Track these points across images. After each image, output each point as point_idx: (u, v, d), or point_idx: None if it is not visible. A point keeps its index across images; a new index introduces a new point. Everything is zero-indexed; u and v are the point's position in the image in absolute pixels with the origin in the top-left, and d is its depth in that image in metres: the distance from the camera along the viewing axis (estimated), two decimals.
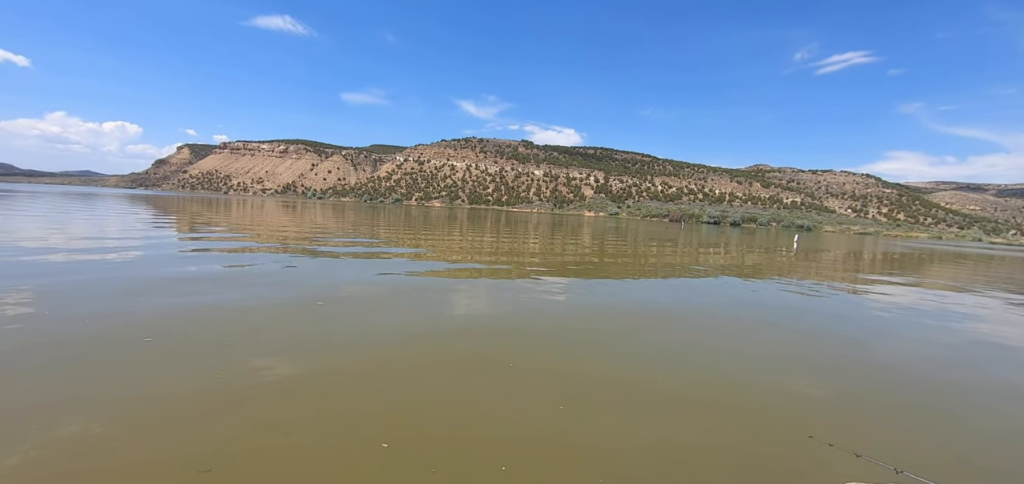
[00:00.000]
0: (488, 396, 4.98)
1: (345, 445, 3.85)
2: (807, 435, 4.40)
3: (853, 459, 3.91)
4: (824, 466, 3.89)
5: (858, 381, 6.18)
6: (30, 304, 7.50)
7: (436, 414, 4.51)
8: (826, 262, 24.86)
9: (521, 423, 4.41)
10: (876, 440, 4.44)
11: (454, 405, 4.73)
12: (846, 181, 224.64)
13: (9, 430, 3.80)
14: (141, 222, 25.32)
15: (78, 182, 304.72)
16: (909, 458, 3.98)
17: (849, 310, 11.44)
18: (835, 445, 4.14)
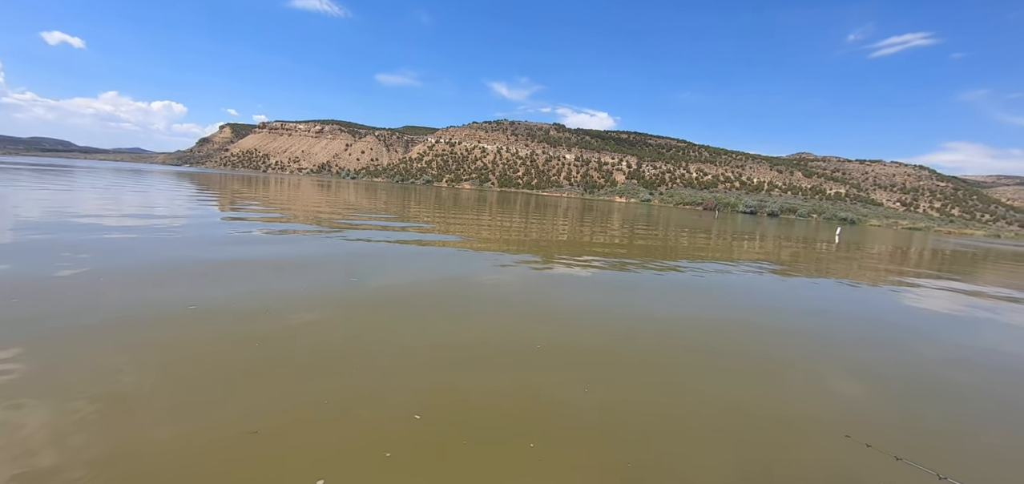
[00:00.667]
0: (515, 375, 5.10)
1: (380, 416, 4.06)
2: (844, 434, 4.31)
3: (892, 462, 3.82)
4: (861, 467, 3.82)
5: (898, 383, 5.95)
6: (88, 274, 8.13)
7: (466, 390, 4.66)
8: (869, 257, 23.69)
9: (547, 402, 4.51)
10: (917, 445, 4.30)
11: (481, 383, 4.87)
12: (896, 172, 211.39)
13: (67, 387, 4.18)
14: (193, 199, 26.69)
15: (129, 159, 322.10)
16: (953, 465, 3.85)
17: (890, 309, 10.94)
18: (873, 446, 4.05)
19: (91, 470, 3.12)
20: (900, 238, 49.20)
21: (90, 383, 4.24)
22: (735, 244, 24.90)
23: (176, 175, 69.13)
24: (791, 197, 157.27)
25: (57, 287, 7.10)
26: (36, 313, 5.89)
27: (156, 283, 7.75)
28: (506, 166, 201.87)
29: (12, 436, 3.40)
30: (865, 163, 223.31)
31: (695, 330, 7.66)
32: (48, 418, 3.65)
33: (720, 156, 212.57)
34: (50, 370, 4.44)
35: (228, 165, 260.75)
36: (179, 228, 14.24)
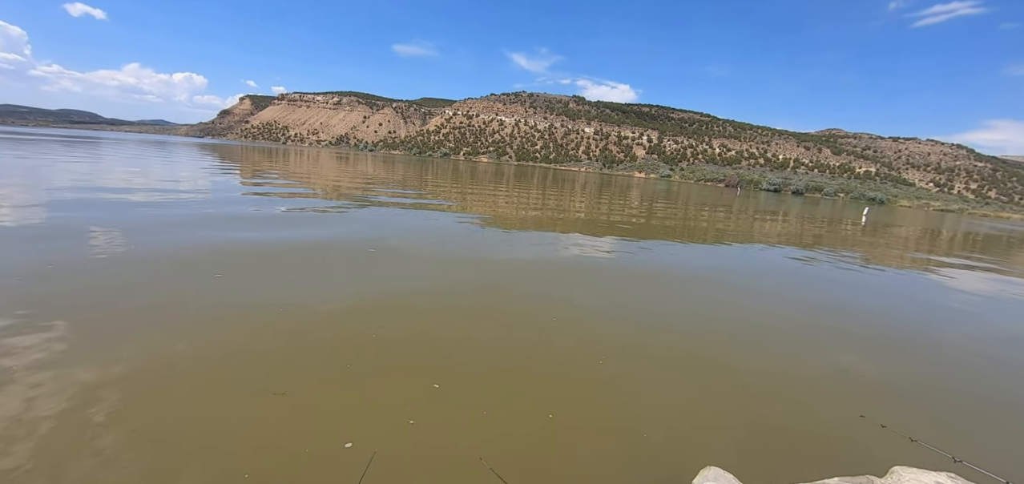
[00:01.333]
0: (530, 350, 5.20)
1: (400, 383, 4.22)
2: (858, 414, 4.31)
3: (907, 443, 3.82)
4: (874, 446, 3.83)
5: (917, 367, 5.88)
6: (120, 241, 8.49)
7: (481, 363, 4.79)
8: (896, 239, 22.98)
9: (564, 377, 4.61)
10: (933, 427, 4.28)
11: (496, 356, 5.00)
12: (931, 151, 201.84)
13: (103, 348, 4.45)
14: (217, 171, 27.30)
15: (153, 130, 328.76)
16: (969, 448, 3.83)
17: (912, 292, 10.67)
18: (888, 427, 4.04)
19: (128, 427, 3.35)
20: (931, 220, 47.42)
21: (124, 346, 4.50)
22: (756, 223, 24.40)
23: (199, 147, 70.55)
24: (818, 175, 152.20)
25: (99, 257, 7.46)
26: (76, 285, 6.23)
27: (184, 254, 8.07)
28: (524, 139, 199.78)
29: (52, 392, 3.66)
30: (899, 141, 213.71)
31: (710, 313, 7.63)
32: (88, 382, 3.90)
33: (745, 131, 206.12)
34: (89, 338, 4.72)
35: (249, 137, 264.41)
36: (208, 201, 14.67)
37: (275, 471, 3.03)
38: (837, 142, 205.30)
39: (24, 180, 15.83)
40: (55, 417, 3.32)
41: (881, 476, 2.91)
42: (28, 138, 55.39)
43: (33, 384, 3.69)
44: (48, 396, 3.56)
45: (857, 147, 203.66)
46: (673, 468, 3.27)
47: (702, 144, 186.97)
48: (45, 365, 3.97)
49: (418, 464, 3.19)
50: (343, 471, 3.03)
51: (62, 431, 3.19)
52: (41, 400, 3.50)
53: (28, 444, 3.04)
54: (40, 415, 3.33)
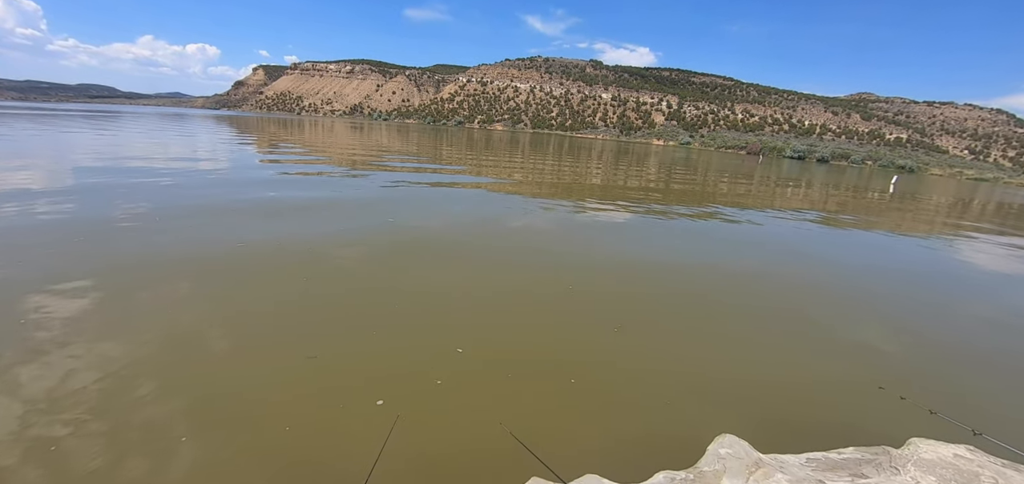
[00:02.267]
0: (549, 316, 5.28)
1: (424, 348, 4.36)
2: (877, 386, 4.30)
3: (927, 415, 3.81)
4: (892, 418, 3.83)
5: (939, 340, 5.78)
6: (145, 213, 8.77)
7: (502, 327, 4.89)
8: (924, 209, 22.22)
9: (582, 342, 4.69)
10: (953, 401, 4.24)
11: (518, 321, 5.09)
12: (968, 117, 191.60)
13: (136, 325, 4.66)
14: (237, 144, 27.67)
15: (170, 103, 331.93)
16: (989, 423, 3.80)
17: (936, 263, 10.38)
18: (907, 399, 4.03)
19: (167, 393, 3.55)
20: (963, 189, 45.55)
21: (158, 314, 4.72)
22: (778, 191, 23.81)
23: (216, 119, 71.36)
24: (845, 142, 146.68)
25: (128, 227, 7.74)
26: (108, 250, 6.50)
27: (210, 223, 8.30)
28: (539, 106, 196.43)
29: (94, 361, 3.88)
30: (933, 105, 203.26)
31: (728, 280, 7.58)
32: (124, 349, 4.12)
33: (769, 96, 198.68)
34: (123, 303, 4.95)
35: (263, 108, 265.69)
36: (229, 171, 14.95)
37: (315, 426, 3.22)
38: (867, 107, 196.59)
39: (93, 156, 16.32)
40: (95, 384, 3.54)
41: (898, 447, 2.93)
42: (52, 113, 56.82)
43: (74, 348, 3.93)
44: (86, 365, 3.78)
45: (888, 112, 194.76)
46: (689, 435, 3.34)
47: (724, 110, 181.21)
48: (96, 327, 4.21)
49: (441, 427, 3.33)
50: (377, 428, 3.18)
51: (102, 396, 3.41)
52: (80, 370, 3.73)
53: (70, 405, 3.26)
54: (79, 384, 3.55)
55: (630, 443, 3.34)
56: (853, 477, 2.67)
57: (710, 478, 2.59)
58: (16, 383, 3.42)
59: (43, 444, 2.87)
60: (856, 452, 3.05)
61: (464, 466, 3.03)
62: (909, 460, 2.73)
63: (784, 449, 3.03)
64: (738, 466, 2.66)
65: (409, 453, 3.05)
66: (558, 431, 3.41)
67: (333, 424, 3.28)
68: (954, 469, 2.61)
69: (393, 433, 3.17)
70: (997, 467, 2.63)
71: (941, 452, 2.79)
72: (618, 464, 2.98)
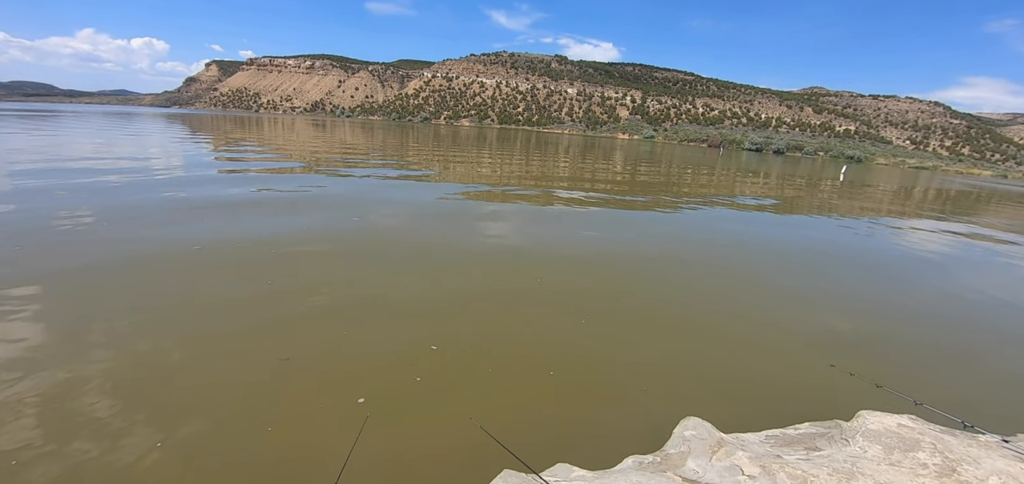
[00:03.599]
0: (520, 311, 5.31)
1: (399, 347, 4.31)
2: (828, 364, 4.55)
3: (873, 389, 4.06)
4: (842, 393, 4.07)
5: (885, 319, 6.18)
6: (90, 219, 8.21)
7: (474, 325, 4.88)
8: (871, 197, 23.64)
9: (553, 337, 4.73)
10: (897, 374, 4.55)
11: (491, 319, 5.09)
12: (909, 109, 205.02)
13: (94, 331, 4.38)
14: (192, 146, 26.29)
15: (116, 102, 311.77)
16: (929, 393, 4.09)
17: (883, 248, 11.09)
18: (855, 375, 4.28)
19: (134, 404, 3.34)
20: (906, 177, 48.77)
21: (119, 322, 4.44)
22: (737, 182, 24.75)
23: (167, 117, 67.57)
24: (799, 134, 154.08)
25: (75, 230, 7.23)
26: (68, 258, 6.05)
27: (167, 226, 7.86)
28: (506, 101, 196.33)
29: (56, 373, 3.61)
30: (878, 99, 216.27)
31: (692, 269, 7.84)
32: (80, 356, 3.86)
33: (728, 90, 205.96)
34: (77, 310, 4.63)
35: (218, 105, 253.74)
36: (183, 174, 14.18)
37: (296, 424, 3.20)
38: (819, 101, 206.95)
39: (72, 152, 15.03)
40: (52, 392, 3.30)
41: (848, 420, 3.11)
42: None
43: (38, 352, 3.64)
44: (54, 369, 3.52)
45: (838, 105, 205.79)
46: (656, 420, 3.43)
47: (686, 104, 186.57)
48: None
49: (415, 424, 3.29)
50: (355, 425, 3.12)
51: (55, 406, 3.18)
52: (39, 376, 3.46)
53: (29, 418, 3.02)
54: (42, 388, 3.30)
55: (600, 431, 3.41)
56: (808, 450, 2.82)
57: (676, 459, 2.67)
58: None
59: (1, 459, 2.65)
60: (811, 427, 3.22)
61: (437, 461, 3.01)
62: (858, 431, 2.91)
63: (745, 428, 3.16)
64: (702, 447, 2.76)
65: (382, 450, 3.00)
66: (530, 423, 3.44)
67: (310, 423, 3.19)
68: (898, 437, 2.79)
69: (366, 431, 3.10)
70: (936, 433, 2.84)
71: (886, 422, 2.98)
72: (589, 452, 3.02)
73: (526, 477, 2.54)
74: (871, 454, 2.64)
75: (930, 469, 2.45)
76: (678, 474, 2.49)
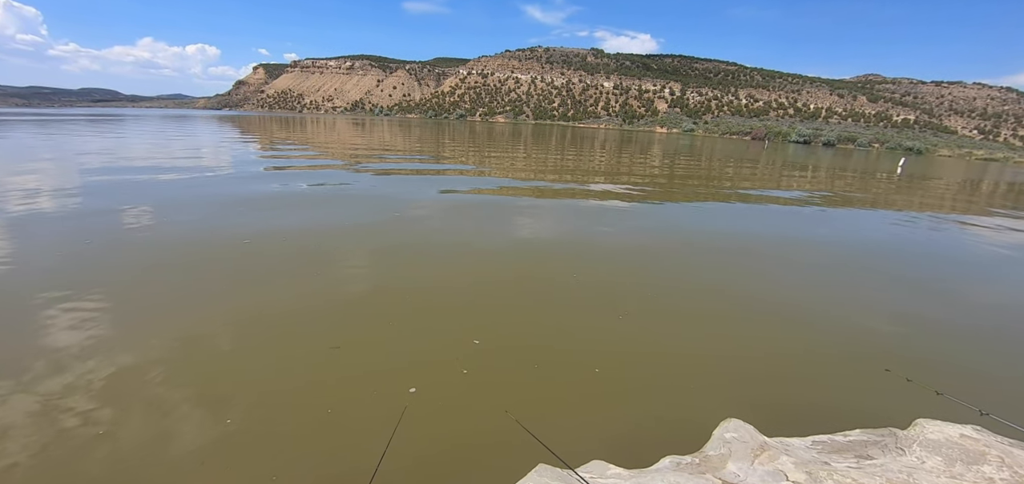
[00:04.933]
0: (561, 306, 5.31)
1: (444, 340, 4.45)
2: (883, 368, 4.30)
3: (932, 396, 3.80)
4: (898, 400, 3.84)
5: (946, 321, 5.75)
6: (150, 217, 8.84)
7: (520, 321, 4.93)
8: (932, 191, 21.99)
9: (591, 331, 4.71)
10: (961, 381, 4.24)
11: (529, 314, 5.13)
12: (978, 96, 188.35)
13: (156, 318, 4.73)
14: (247, 147, 27.75)
15: (173, 105, 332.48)
16: (997, 402, 3.79)
17: (946, 245, 10.29)
18: (913, 381, 4.03)
19: (197, 388, 3.61)
20: (973, 170, 45.00)
21: (176, 311, 4.78)
22: (783, 175, 23.63)
23: (219, 120, 71.54)
24: (851, 125, 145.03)
25: (142, 224, 7.82)
26: (132, 252, 6.57)
27: (218, 219, 8.37)
28: (541, 97, 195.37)
29: (110, 356, 3.94)
30: (942, 85, 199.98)
31: (734, 265, 7.57)
32: (146, 344, 4.19)
33: (774, 80, 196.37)
34: (144, 301, 5.02)
35: (265, 107, 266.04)
36: (241, 176, 15.02)
37: (350, 410, 3.39)
38: (874, 89, 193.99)
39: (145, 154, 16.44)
40: (115, 376, 3.61)
41: (904, 429, 2.94)
42: (58, 118, 57.14)
43: (96, 343, 4.00)
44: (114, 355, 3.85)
45: (895, 93, 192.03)
46: (695, 419, 3.36)
47: (727, 95, 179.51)
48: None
49: (454, 415, 3.37)
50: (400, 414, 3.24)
51: (122, 389, 3.47)
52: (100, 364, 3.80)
53: (90, 400, 3.32)
54: (105, 372, 3.62)
55: (637, 428, 3.37)
56: (859, 458, 2.68)
57: (716, 462, 2.61)
58: (34, 378, 3.49)
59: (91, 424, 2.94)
60: (862, 434, 3.06)
61: (474, 452, 3.07)
62: (915, 441, 2.74)
63: (790, 432, 3.04)
64: (743, 450, 2.68)
65: (420, 440, 3.10)
66: (566, 418, 3.45)
67: (356, 410, 3.38)
68: (960, 449, 2.61)
69: (406, 421, 3.21)
70: (1004, 446, 2.63)
71: (947, 432, 2.80)
72: (625, 449, 3.00)
73: (561, 472, 2.56)
74: (930, 465, 2.48)
75: None
76: (718, 477, 2.43)
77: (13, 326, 4.35)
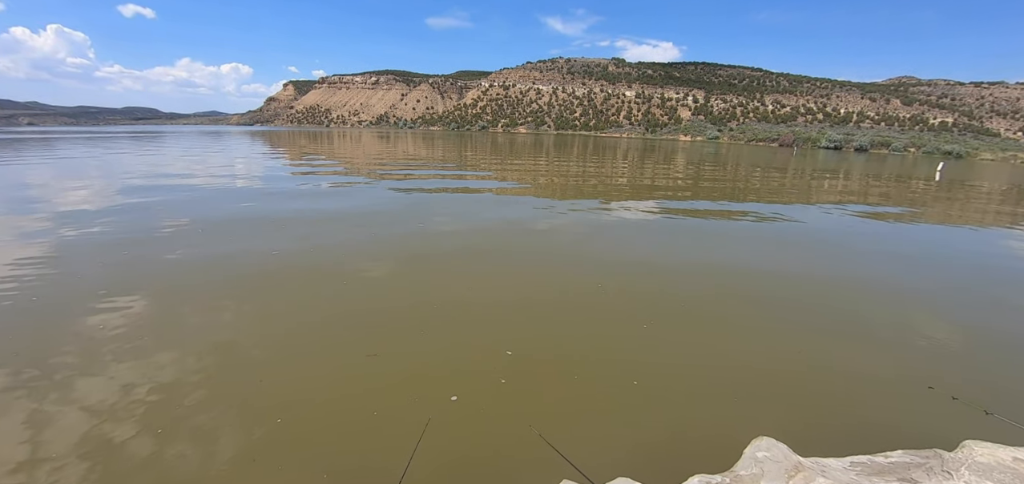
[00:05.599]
0: (588, 319, 5.28)
1: (477, 350, 4.54)
2: (927, 385, 4.10)
3: (981, 416, 3.61)
4: (943, 419, 3.65)
5: (994, 337, 5.43)
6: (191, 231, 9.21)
7: (547, 329, 4.93)
8: (975, 198, 20.91)
9: (617, 343, 4.66)
10: (1013, 401, 3.99)
11: (560, 324, 5.11)
12: (1021, 97, 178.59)
13: (197, 327, 4.91)
14: (278, 160, 28.71)
15: (208, 121, 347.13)
16: None
17: (993, 254, 9.75)
18: (960, 399, 3.83)
19: (239, 394, 3.73)
20: (1018, 174, 42.61)
21: (217, 320, 4.97)
22: (814, 184, 22.91)
23: (251, 135, 74.31)
24: (884, 129, 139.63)
25: (184, 236, 8.19)
26: (169, 267, 6.89)
27: (263, 233, 8.68)
28: (562, 107, 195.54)
29: (151, 366, 4.11)
30: (981, 86, 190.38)
31: (765, 277, 7.36)
32: (180, 355, 4.36)
33: (801, 85, 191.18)
34: (182, 307, 5.23)
35: (294, 122, 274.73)
36: (281, 185, 15.58)
37: (392, 414, 3.49)
38: (908, 91, 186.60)
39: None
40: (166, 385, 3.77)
41: (951, 451, 2.79)
42: (106, 136, 60.36)
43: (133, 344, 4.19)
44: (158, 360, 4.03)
45: (932, 95, 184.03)
46: (726, 437, 3.27)
47: (753, 102, 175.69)
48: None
49: (481, 427, 3.38)
50: (436, 422, 3.28)
51: (162, 395, 3.63)
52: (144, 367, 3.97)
53: (131, 404, 3.48)
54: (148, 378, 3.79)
55: (664, 445, 3.31)
56: (901, 481, 2.56)
57: (747, 482, 2.53)
58: (74, 386, 3.68)
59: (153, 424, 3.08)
60: (904, 455, 2.91)
61: (498, 466, 3.07)
62: (963, 464, 2.60)
63: (826, 452, 2.93)
64: (776, 470, 2.59)
65: (446, 451, 3.12)
66: (593, 434, 3.41)
67: (384, 420, 3.43)
68: (1013, 473, 2.46)
69: (434, 431, 3.24)
70: None
71: (999, 455, 2.64)
72: (652, 467, 2.95)
73: None
74: None
75: None
76: None
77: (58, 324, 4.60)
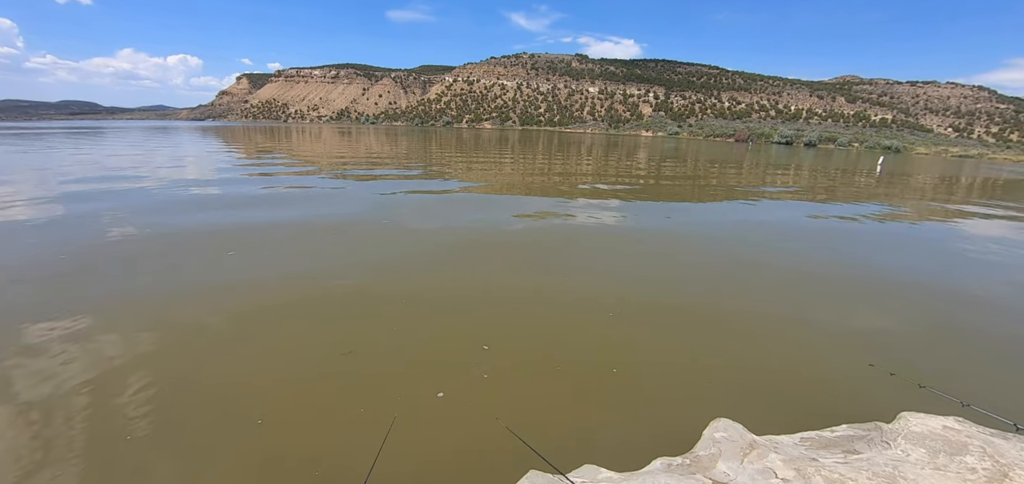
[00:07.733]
0: (550, 313, 5.31)
1: (452, 345, 4.49)
2: (867, 363, 4.37)
3: (915, 390, 3.87)
4: (882, 394, 3.90)
5: (928, 315, 5.89)
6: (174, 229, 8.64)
7: (521, 325, 4.92)
8: (911, 189, 22.53)
9: (582, 337, 4.72)
10: (942, 374, 4.33)
11: (521, 319, 5.11)
12: (951, 95, 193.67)
13: (167, 322, 4.61)
14: (230, 156, 27.33)
15: (154, 116, 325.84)
16: (978, 394, 3.87)
17: (925, 241, 10.55)
18: (897, 374, 4.10)
19: (212, 390, 3.52)
20: (948, 167, 46.24)
21: (192, 316, 4.67)
22: (767, 177, 24.02)
23: (202, 130, 70.46)
24: (831, 125, 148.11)
25: (122, 237, 7.64)
26: (124, 271, 6.42)
27: (228, 237, 8.23)
28: (527, 103, 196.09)
29: (135, 372, 3.83)
30: (917, 85, 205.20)
31: (720, 269, 7.65)
32: (136, 344, 4.08)
33: (755, 83, 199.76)
34: (160, 311, 4.89)
35: (249, 116, 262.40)
36: (240, 184, 14.80)
37: (380, 410, 3.44)
38: (852, 89, 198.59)
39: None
40: None
41: (889, 422, 2.98)
42: (35, 132, 55.64)
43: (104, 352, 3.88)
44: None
45: (873, 94, 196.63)
46: (686, 421, 3.37)
47: (710, 98, 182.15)
48: None
49: (442, 425, 3.34)
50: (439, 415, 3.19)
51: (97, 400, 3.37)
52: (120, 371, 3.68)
53: (90, 409, 3.22)
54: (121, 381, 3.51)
55: (627, 432, 3.38)
56: (846, 453, 2.72)
57: (706, 462, 2.62)
58: (10, 395, 3.37)
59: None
60: (849, 429, 3.10)
61: (464, 460, 3.05)
62: (899, 433, 2.78)
63: (779, 430, 3.07)
64: (733, 449, 2.70)
65: (414, 447, 3.06)
66: (557, 424, 3.44)
67: (350, 418, 3.30)
68: (943, 440, 2.66)
69: (402, 428, 3.17)
70: (985, 436, 2.69)
71: (930, 424, 2.85)
72: (616, 453, 3.00)
73: (552, 478, 2.55)
74: (914, 457, 2.53)
75: (979, 474, 2.33)
76: (708, 476, 2.44)
77: None
